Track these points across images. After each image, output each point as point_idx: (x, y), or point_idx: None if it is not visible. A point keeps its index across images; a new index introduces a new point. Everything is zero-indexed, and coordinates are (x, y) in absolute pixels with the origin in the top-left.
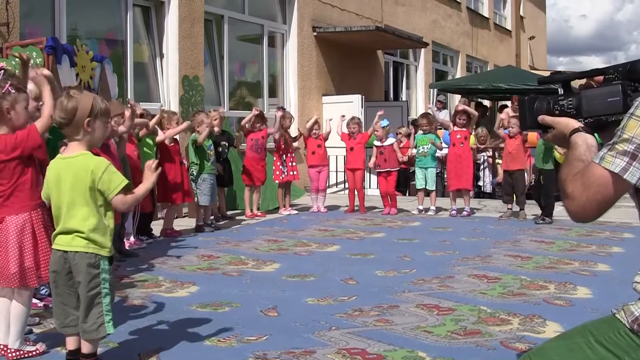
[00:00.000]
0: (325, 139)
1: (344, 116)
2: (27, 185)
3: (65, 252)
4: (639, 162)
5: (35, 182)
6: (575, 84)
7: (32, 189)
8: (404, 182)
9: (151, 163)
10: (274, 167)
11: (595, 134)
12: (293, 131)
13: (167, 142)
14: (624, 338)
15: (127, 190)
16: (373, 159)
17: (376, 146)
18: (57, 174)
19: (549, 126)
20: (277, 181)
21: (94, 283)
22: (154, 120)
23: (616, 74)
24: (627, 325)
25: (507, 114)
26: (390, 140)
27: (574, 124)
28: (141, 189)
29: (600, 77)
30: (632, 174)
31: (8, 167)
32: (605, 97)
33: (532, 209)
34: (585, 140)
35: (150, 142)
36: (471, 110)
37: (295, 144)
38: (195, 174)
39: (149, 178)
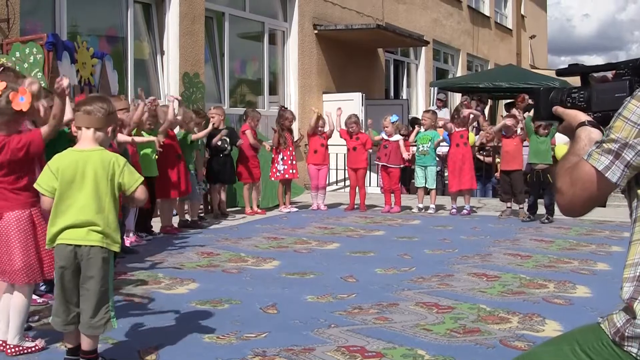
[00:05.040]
0: (329, 137)
1: (340, 109)
2: (26, 182)
3: (78, 246)
4: (620, 162)
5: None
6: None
7: (33, 186)
8: (404, 180)
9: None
10: (271, 165)
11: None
12: (295, 132)
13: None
14: (606, 349)
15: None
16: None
17: (383, 139)
18: (73, 166)
19: (562, 118)
20: (272, 179)
21: (106, 279)
22: (137, 114)
23: (627, 69)
24: (610, 336)
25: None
26: (397, 137)
27: (582, 117)
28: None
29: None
30: (614, 173)
31: (11, 165)
32: (613, 92)
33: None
34: (588, 135)
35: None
36: (474, 111)
37: (296, 140)
38: None
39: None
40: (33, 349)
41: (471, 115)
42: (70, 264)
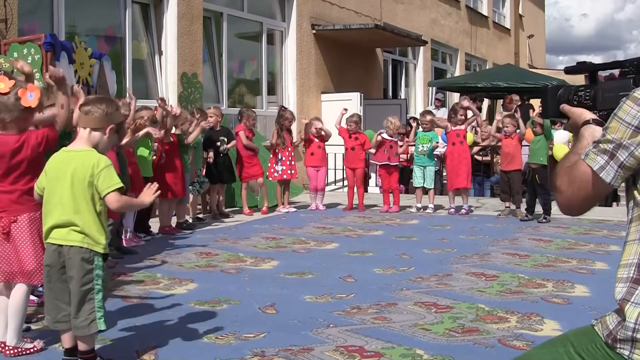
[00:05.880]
0: (326, 140)
1: (346, 109)
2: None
3: (60, 246)
4: (614, 162)
5: None
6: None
7: None
8: (402, 180)
9: (153, 187)
10: (269, 165)
11: None
12: (294, 133)
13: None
14: (599, 351)
15: (121, 193)
16: (378, 138)
17: (385, 139)
18: (58, 166)
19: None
20: (270, 178)
21: (87, 278)
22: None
23: (631, 67)
24: (603, 338)
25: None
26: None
27: (587, 115)
28: (136, 201)
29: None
30: (608, 173)
31: (30, 165)
32: (617, 90)
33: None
34: (591, 134)
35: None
36: (474, 109)
37: (295, 142)
38: None
39: (145, 197)
40: (32, 349)
41: (469, 113)
42: (55, 263)
